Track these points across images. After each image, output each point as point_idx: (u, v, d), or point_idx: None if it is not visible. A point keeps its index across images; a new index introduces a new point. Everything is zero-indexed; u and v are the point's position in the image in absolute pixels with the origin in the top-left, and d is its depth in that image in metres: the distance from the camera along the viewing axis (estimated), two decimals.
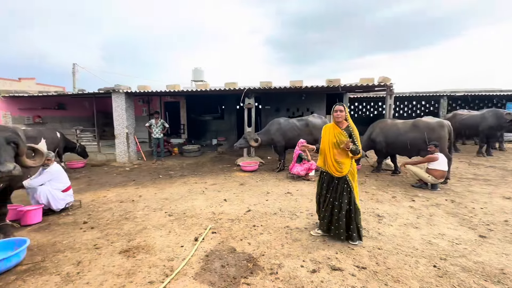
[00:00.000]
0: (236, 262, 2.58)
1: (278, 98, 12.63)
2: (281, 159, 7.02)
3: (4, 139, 2.74)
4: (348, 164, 2.89)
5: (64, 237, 3.22)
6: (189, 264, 2.55)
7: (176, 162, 8.66)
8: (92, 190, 5.46)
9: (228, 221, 3.63)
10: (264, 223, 3.53)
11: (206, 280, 2.30)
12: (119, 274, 2.41)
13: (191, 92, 8.70)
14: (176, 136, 12.42)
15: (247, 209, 4.07)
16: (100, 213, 4.04)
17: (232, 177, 6.37)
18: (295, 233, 3.20)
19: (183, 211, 4.06)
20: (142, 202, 4.57)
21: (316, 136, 6.67)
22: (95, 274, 2.41)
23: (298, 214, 3.84)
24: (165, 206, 4.30)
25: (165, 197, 4.83)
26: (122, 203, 4.51)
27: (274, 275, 2.35)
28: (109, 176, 6.81)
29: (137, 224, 3.60)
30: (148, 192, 5.17)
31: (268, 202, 4.40)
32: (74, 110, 11.60)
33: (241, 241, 3.04)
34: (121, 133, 8.53)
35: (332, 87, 7.83)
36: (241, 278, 2.32)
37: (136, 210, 4.14)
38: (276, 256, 2.67)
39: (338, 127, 2.93)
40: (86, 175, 6.89)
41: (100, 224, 3.61)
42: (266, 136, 6.95)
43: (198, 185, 5.66)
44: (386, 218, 3.66)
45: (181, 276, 2.36)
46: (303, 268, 2.45)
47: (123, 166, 8.08)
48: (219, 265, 2.53)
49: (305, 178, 5.95)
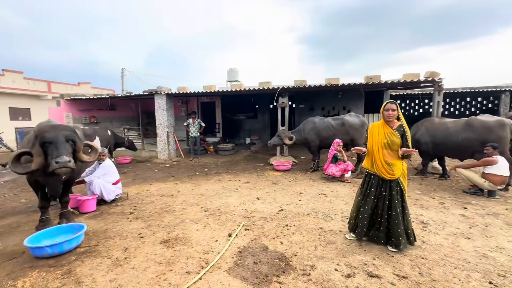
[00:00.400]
0: (268, 260, 2.61)
1: (312, 97, 12.34)
2: (315, 159, 6.86)
3: (64, 137, 3.12)
4: (399, 165, 2.68)
5: (114, 225, 3.57)
6: (223, 259, 2.64)
7: (211, 160, 9.00)
8: (137, 184, 5.95)
9: (260, 219, 3.67)
10: (297, 223, 3.50)
11: (239, 275, 2.36)
12: (160, 262, 2.60)
13: (226, 93, 8.95)
14: (212, 135, 12.89)
15: (280, 208, 4.07)
16: (143, 205, 4.38)
17: (265, 176, 6.41)
18: (329, 236, 3.12)
19: (218, 207, 4.21)
20: (180, 196, 4.84)
21: (353, 135, 6.38)
22: (140, 261, 2.63)
23: (332, 216, 3.72)
24: (201, 202, 4.50)
25: (201, 193, 5.05)
26: (163, 197, 4.83)
27: (307, 276, 2.32)
28: (151, 171, 7.34)
29: (176, 217, 3.83)
30: (186, 188, 5.46)
31: (301, 203, 4.35)
32: (123, 111, 12.74)
33: (274, 239, 3.05)
34: (162, 131, 9.14)
35: (371, 84, 7.41)
36: (273, 277, 2.33)
37: (175, 204, 4.40)
38: (309, 258, 2.63)
39: (388, 127, 2.72)
40: (132, 170, 7.52)
41: (144, 216, 3.92)
42: (300, 135, 6.84)
43: (232, 182, 5.81)
44: (431, 225, 3.36)
45: (215, 269, 2.46)
46: (337, 272, 2.38)
47: (163, 162, 8.65)
48: (252, 261, 2.58)
49: (341, 179, 5.74)
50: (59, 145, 3.04)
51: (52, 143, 3.03)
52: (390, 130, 2.70)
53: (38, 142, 3.04)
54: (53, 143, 3.03)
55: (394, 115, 2.69)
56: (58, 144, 3.04)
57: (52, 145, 3.02)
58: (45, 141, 3.02)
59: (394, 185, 2.70)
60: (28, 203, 4.75)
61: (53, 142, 3.03)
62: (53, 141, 3.03)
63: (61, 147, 3.04)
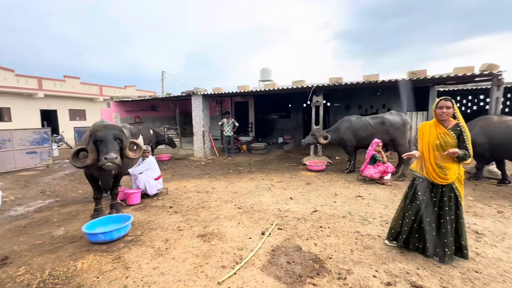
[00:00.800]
0: (302, 260, 2.58)
1: (348, 95, 11.84)
2: (351, 160, 6.58)
3: (113, 135, 3.46)
4: (454, 169, 2.41)
5: (155, 218, 3.84)
6: (257, 256, 2.68)
7: (244, 158, 9.15)
8: (175, 180, 6.31)
9: (294, 219, 3.65)
10: (332, 226, 3.40)
11: (273, 273, 2.38)
12: (198, 255, 2.73)
13: (260, 92, 9.01)
14: (244, 134, 13.10)
15: (314, 209, 3.99)
16: (181, 200, 4.64)
17: (298, 176, 6.33)
18: (366, 240, 2.97)
19: (251, 205, 4.27)
20: (215, 193, 5.02)
21: (393, 135, 5.97)
22: (179, 252, 2.80)
23: (370, 220, 3.54)
24: (235, 199, 4.61)
25: (235, 190, 5.18)
26: (199, 193, 5.06)
27: (343, 281, 2.24)
28: (188, 168, 7.73)
29: (211, 213, 3.98)
30: (220, 185, 5.64)
31: (336, 204, 4.21)
32: (163, 111, 13.60)
33: (307, 240, 3.01)
34: (198, 131, 9.55)
35: (416, 80, 6.85)
36: (307, 278, 2.30)
37: (210, 201, 4.58)
38: (344, 261, 2.55)
39: (442, 126, 2.45)
40: (171, 167, 8.00)
41: (182, 210, 4.14)
42: (335, 135, 6.60)
43: (265, 181, 5.85)
44: (487, 236, 3.01)
45: (249, 265, 2.51)
46: (375, 279, 2.26)
47: (199, 160, 9.04)
48: (285, 261, 2.58)
49: (379, 181, 5.42)
50: (108, 143, 3.37)
51: (103, 141, 3.37)
52: (444, 130, 2.44)
53: (92, 140, 3.42)
54: (103, 141, 3.37)
55: (449, 113, 2.41)
56: (107, 142, 3.38)
57: (103, 142, 3.37)
58: (97, 139, 3.38)
59: (447, 191, 2.44)
60: (85, 194, 5.33)
61: (104, 140, 3.38)
62: (104, 139, 3.38)
63: (109, 144, 3.38)
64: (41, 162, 8.66)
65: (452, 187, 2.43)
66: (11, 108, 14.67)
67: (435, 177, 2.46)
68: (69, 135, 14.71)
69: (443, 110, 2.41)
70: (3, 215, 4.23)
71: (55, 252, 2.87)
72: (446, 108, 2.39)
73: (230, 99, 13.32)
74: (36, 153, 8.58)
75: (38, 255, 2.82)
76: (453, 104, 2.41)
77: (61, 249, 2.95)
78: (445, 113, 2.40)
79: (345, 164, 6.97)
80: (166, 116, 13.77)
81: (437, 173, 2.44)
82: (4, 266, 2.64)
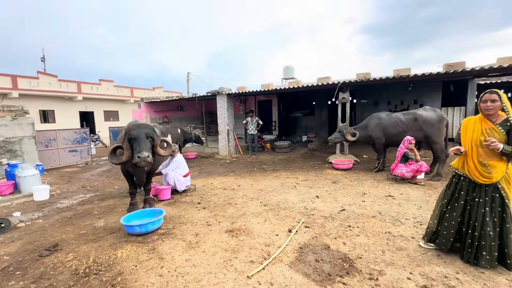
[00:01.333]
0: (330, 259, 2.55)
1: (376, 91, 11.32)
2: (380, 158, 6.31)
3: (145, 134, 3.66)
4: (501, 168, 2.22)
5: (185, 213, 4.01)
6: (284, 252, 2.70)
7: (268, 157, 9.18)
8: (202, 177, 6.51)
9: (321, 217, 3.60)
10: (361, 225, 3.31)
11: (301, 270, 2.38)
12: (226, 249, 2.82)
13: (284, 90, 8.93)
14: (268, 133, 13.12)
15: (341, 208, 3.91)
16: (209, 197, 4.78)
17: (324, 174, 6.22)
18: (399, 241, 2.86)
19: (277, 203, 4.29)
20: (241, 191, 5.11)
21: (427, 132, 5.63)
22: (209, 246, 2.90)
23: (402, 221, 3.39)
24: (261, 197, 4.66)
25: (260, 188, 5.22)
26: (225, 190, 5.18)
27: (374, 281, 2.18)
28: (214, 166, 7.93)
29: (238, 209, 4.06)
30: (246, 183, 5.72)
31: (365, 204, 4.09)
32: (189, 111, 14.07)
33: (335, 239, 2.96)
34: (223, 130, 9.75)
35: (453, 73, 6.38)
36: (337, 276, 2.27)
37: (236, 198, 4.67)
38: (376, 262, 2.47)
39: (489, 121, 2.27)
40: (198, 165, 8.26)
41: (210, 206, 4.28)
42: (363, 132, 6.36)
43: (290, 179, 5.83)
44: None
45: (277, 261, 2.54)
46: (410, 281, 2.17)
47: (224, 158, 9.23)
48: (313, 258, 2.56)
49: (412, 181, 5.15)
50: (140, 141, 3.58)
51: (136, 139, 3.58)
52: (491, 125, 2.24)
53: (127, 138, 3.65)
54: (136, 139, 3.58)
55: (496, 107, 2.21)
56: (140, 140, 3.58)
57: (136, 141, 3.58)
58: (131, 137, 3.60)
59: (490, 191, 2.27)
60: (120, 189, 5.71)
61: (137, 138, 3.58)
62: (137, 137, 3.59)
63: (142, 143, 3.58)
64: (81, 160, 9.41)
65: (497, 187, 2.24)
66: (55, 111, 16.06)
67: (478, 175, 2.29)
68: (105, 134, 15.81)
69: (487, 104, 2.22)
70: (52, 207, 4.68)
71: (97, 242, 3.12)
72: (491, 102, 2.20)
73: (253, 98, 13.42)
74: (77, 151, 9.34)
75: (83, 244, 3.08)
76: (500, 97, 2.21)
77: (102, 239, 3.20)
78: (490, 107, 2.21)
79: (374, 162, 6.71)
80: (192, 115, 14.23)
81: (480, 172, 2.27)
82: (56, 252, 2.93)
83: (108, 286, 2.27)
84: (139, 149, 3.50)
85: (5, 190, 5.29)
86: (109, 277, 2.40)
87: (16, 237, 3.40)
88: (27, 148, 7.43)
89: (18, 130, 7.29)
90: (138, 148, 3.52)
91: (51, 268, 2.61)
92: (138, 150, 3.50)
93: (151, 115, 12.15)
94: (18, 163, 5.87)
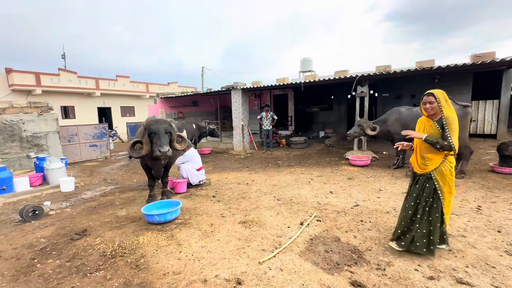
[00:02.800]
0: (340, 250, 2.62)
1: (399, 84, 10.71)
2: (400, 155, 6.15)
3: (164, 129, 3.84)
4: (436, 160, 2.41)
5: (201, 205, 4.20)
6: (295, 243, 2.79)
7: (283, 152, 9.22)
8: (217, 172, 6.70)
9: (333, 212, 3.65)
10: (373, 220, 3.33)
11: (310, 259, 2.47)
12: (240, 238, 2.96)
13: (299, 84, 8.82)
14: (284, 128, 13.07)
15: (355, 204, 3.93)
16: (223, 191, 4.95)
17: (340, 170, 6.20)
18: None
19: (290, 197, 4.37)
20: (255, 185, 5.23)
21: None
22: (223, 235, 3.06)
23: None
24: (274, 191, 4.75)
25: (274, 183, 5.32)
26: (239, 185, 5.32)
27: (381, 271, 2.24)
28: (228, 161, 8.10)
29: (251, 203, 4.19)
30: (259, 178, 5.83)
31: (379, 200, 4.08)
32: (203, 106, 14.32)
33: (346, 233, 3.01)
34: (237, 125, 9.86)
35: (482, 64, 6.01)
36: (345, 266, 2.34)
37: (250, 192, 4.80)
38: (385, 254, 2.51)
39: (430, 119, 2.52)
40: (212, 160, 8.48)
41: (224, 199, 4.44)
42: (382, 127, 6.13)
43: (304, 175, 5.87)
44: None
45: (288, 251, 2.64)
46: (417, 272, 2.20)
47: (238, 154, 9.38)
48: (323, 249, 2.64)
49: None
50: (160, 135, 3.76)
51: (156, 134, 3.77)
52: (431, 122, 2.48)
53: (146, 133, 3.85)
54: (156, 134, 3.77)
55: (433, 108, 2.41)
56: (159, 134, 3.76)
57: (156, 135, 3.77)
58: (151, 132, 3.79)
59: (422, 180, 2.47)
60: (138, 182, 6.01)
61: (156, 133, 3.77)
62: (156, 132, 3.77)
63: (161, 137, 3.76)
64: (101, 154, 9.88)
65: (430, 177, 2.42)
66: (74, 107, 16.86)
67: (417, 167, 2.54)
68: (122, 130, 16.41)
69: (426, 106, 2.45)
70: (77, 197, 5.04)
71: (121, 229, 3.37)
72: (429, 104, 2.42)
73: (269, 92, 13.33)
74: (97, 146, 9.82)
75: (108, 230, 3.34)
76: (436, 97, 2.38)
77: (125, 226, 3.45)
78: (428, 108, 2.43)
79: (393, 159, 6.58)
80: (206, 111, 14.47)
81: (419, 164, 2.51)
82: (85, 236, 3.21)
83: (133, 266, 2.49)
84: (160, 143, 3.67)
85: (35, 181, 5.74)
86: (133, 259, 2.63)
87: (49, 223, 3.74)
88: (52, 143, 7.90)
89: (43, 126, 7.76)
90: (159, 142, 3.69)
91: (82, 250, 2.88)
92: (158, 144, 3.67)
93: (167, 111, 12.45)
94: (46, 157, 6.32)
